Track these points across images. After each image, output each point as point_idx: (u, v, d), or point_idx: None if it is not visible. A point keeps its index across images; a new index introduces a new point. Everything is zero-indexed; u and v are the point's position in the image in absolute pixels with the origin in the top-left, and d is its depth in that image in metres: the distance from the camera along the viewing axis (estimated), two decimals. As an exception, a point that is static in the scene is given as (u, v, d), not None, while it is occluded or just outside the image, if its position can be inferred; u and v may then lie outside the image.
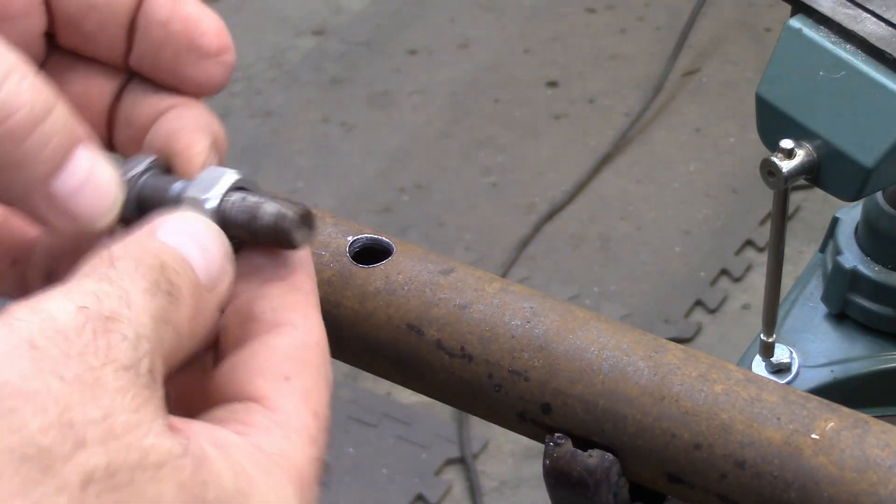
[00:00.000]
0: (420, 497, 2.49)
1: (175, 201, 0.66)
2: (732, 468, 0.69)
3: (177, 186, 0.67)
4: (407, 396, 2.62)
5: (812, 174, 0.97)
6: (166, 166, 0.68)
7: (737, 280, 2.85)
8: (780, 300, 1.12)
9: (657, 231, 2.95)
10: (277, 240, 0.63)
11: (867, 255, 1.15)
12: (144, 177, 0.68)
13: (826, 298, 1.17)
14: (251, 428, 0.62)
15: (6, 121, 0.60)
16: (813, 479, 0.68)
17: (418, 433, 2.58)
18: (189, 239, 0.62)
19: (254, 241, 0.64)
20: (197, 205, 0.65)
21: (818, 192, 2.80)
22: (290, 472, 0.64)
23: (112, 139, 0.73)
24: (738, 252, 2.89)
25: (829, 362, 1.15)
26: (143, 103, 0.71)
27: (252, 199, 0.64)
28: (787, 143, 0.96)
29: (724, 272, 2.86)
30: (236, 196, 0.64)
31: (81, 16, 0.70)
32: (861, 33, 0.95)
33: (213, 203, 0.64)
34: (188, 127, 0.70)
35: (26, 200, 0.63)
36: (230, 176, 0.65)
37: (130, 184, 0.67)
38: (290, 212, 0.62)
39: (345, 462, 2.54)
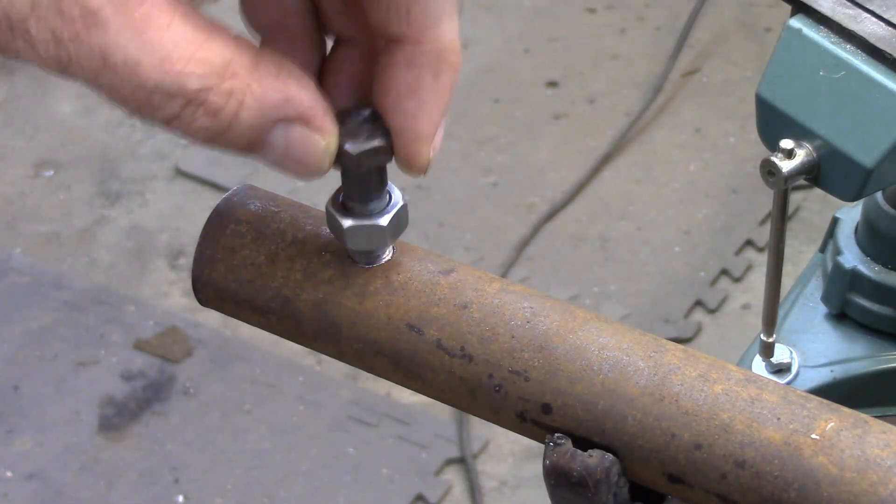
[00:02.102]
0: (420, 497, 2.49)
1: None
2: (732, 468, 0.69)
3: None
4: (407, 396, 2.62)
5: (812, 174, 0.97)
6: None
7: (737, 280, 2.85)
8: (780, 300, 1.12)
9: (657, 231, 2.95)
10: None
11: (867, 255, 1.15)
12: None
13: (826, 298, 1.17)
14: None
15: (186, 136, 0.65)
16: (813, 479, 0.68)
17: (418, 433, 2.58)
18: None
19: None
20: None
21: (818, 192, 2.80)
22: None
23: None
24: (738, 252, 2.89)
25: (829, 362, 1.15)
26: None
27: None
28: (787, 143, 0.96)
29: (724, 272, 2.86)
30: None
31: None
32: (861, 33, 0.95)
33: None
34: (427, 108, 0.70)
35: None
36: None
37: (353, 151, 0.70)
38: None
39: (345, 462, 2.54)
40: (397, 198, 0.75)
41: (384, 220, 0.75)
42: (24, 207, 3.00)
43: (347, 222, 0.74)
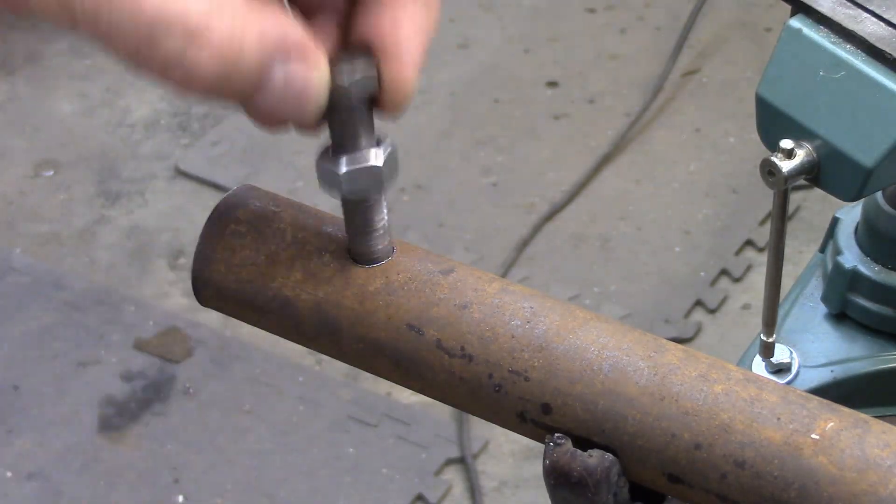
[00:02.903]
0: (420, 497, 2.49)
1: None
2: (732, 468, 0.69)
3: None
4: (407, 396, 2.62)
5: (812, 174, 0.97)
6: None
7: (737, 280, 2.85)
8: (780, 300, 1.12)
9: (657, 231, 2.95)
10: None
11: (867, 255, 1.15)
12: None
13: (826, 298, 1.17)
14: None
15: (190, 81, 0.65)
16: (813, 479, 0.68)
17: (418, 433, 2.58)
18: None
19: None
20: None
21: (818, 192, 2.80)
22: None
23: None
24: (738, 252, 2.89)
25: (829, 362, 1.15)
26: None
27: None
28: (787, 143, 0.96)
29: (724, 272, 2.86)
30: None
31: None
32: (861, 33, 0.95)
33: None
34: (406, 35, 0.72)
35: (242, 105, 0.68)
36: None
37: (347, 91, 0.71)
38: None
39: (345, 462, 2.54)
40: (387, 142, 0.75)
41: (379, 161, 0.74)
42: (24, 207, 3.00)
43: (342, 168, 0.74)
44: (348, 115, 0.73)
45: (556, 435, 0.72)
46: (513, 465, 2.55)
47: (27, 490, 2.51)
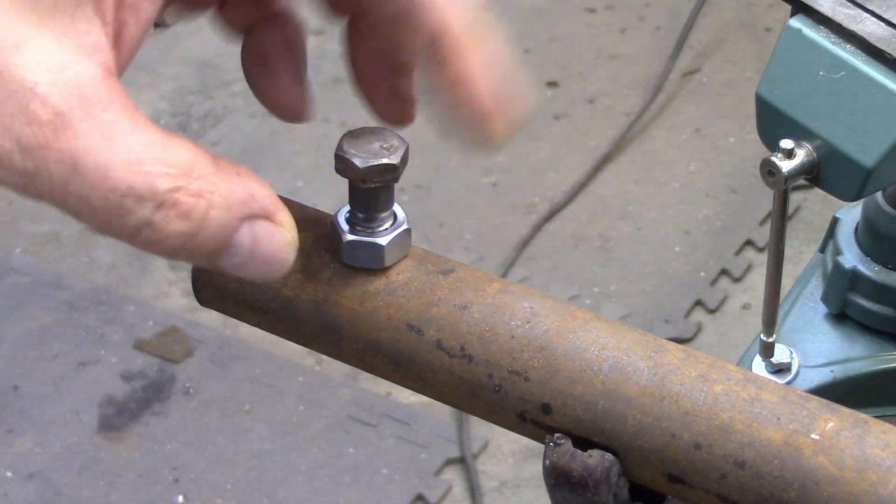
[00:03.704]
0: (420, 497, 2.49)
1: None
2: (732, 468, 0.69)
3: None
4: (407, 396, 2.62)
5: (812, 174, 0.97)
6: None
7: (737, 280, 2.85)
8: (780, 300, 1.12)
9: (657, 231, 2.95)
10: None
11: (867, 255, 1.15)
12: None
13: (826, 298, 1.17)
14: None
15: (152, 245, 0.65)
16: (813, 479, 0.67)
17: (418, 433, 2.58)
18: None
19: None
20: None
21: (818, 192, 2.80)
22: None
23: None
24: (738, 252, 2.89)
25: (829, 362, 1.15)
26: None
27: None
28: (787, 143, 0.96)
29: (724, 272, 2.86)
30: None
31: None
32: (861, 33, 0.95)
33: None
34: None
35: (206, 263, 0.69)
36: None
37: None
38: None
39: (345, 462, 2.54)
40: (402, 219, 0.76)
41: (384, 240, 0.75)
42: (24, 207, 3.00)
43: (348, 237, 0.74)
44: (362, 193, 0.74)
45: (556, 435, 0.72)
46: (513, 465, 2.55)
47: (27, 490, 2.51)
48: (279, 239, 0.69)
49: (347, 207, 0.75)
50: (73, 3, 0.64)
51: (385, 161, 0.72)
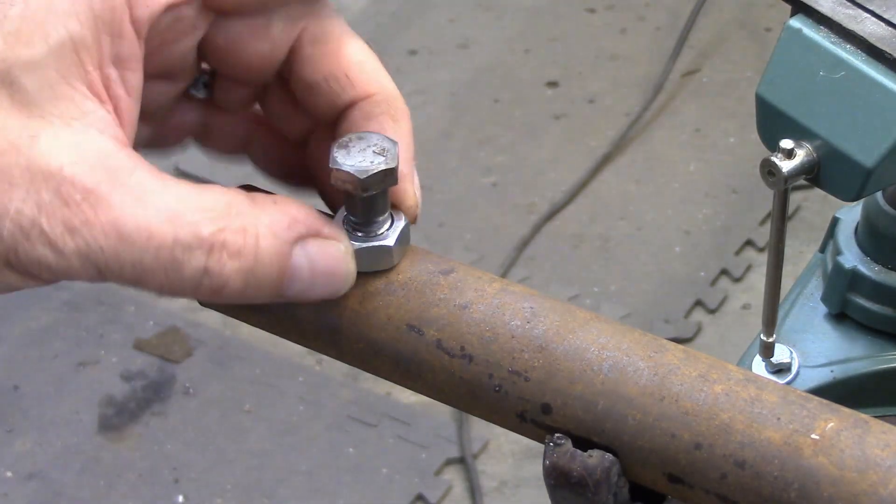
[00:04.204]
0: (420, 497, 2.49)
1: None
2: (732, 468, 0.69)
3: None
4: (407, 396, 2.62)
5: (812, 174, 0.97)
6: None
7: (737, 280, 2.85)
8: (780, 300, 1.12)
9: (657, 231, 2.95)
10: None
11: (867, 255, 1.15)
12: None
13: (826, 298, 1.17)
14: None
15: (219, 292, 0.67)
16: (813, 479, 0.67)
17: (418, 433, 2.58)
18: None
19: None
20: None
21: (818, 192, 2.80)
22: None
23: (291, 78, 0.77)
24: (738, 252, 2.89)
25: (829, 362, 1.15)
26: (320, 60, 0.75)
27: None
28: (787, 143, 0.96)
29: (724, 272, 2.86)
30: None
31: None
32: (861, 33, 0.95)
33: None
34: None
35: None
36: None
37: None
38: None
39: (345, 462, 2.54)
40: (400, 218, 0.76)
41: (390, 241, 0.75)
42: (24, 207, 3.00)
43: (354, 245, 0.74)
44: (361, 201, 0.74)
45: (556, 435, 0.72)
46: (513, 465, 2.55)
47: (27, 490, 2.51)
48: (333, 251, 0.71)
49: (344, 213, 0.75)
50: (70, 89, 0.66)
51: (384, 167, 0.72)
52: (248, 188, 0.74)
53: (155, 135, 0.78)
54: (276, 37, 0.74)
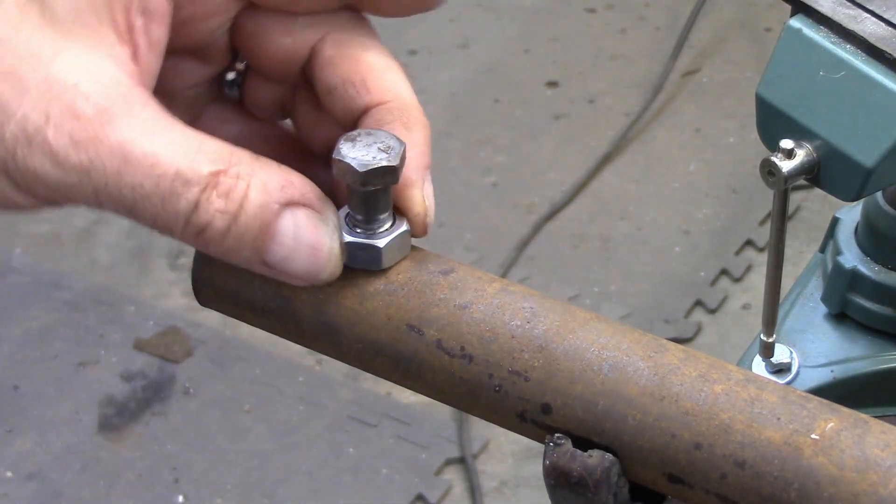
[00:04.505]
0: (420, 497, 2.49)
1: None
2: (732, 468, 0.69)
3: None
4: (407, 396, 2.62)
5: (812, 174, 0.97)
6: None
7: (737, 280, 2.85)
8: (780, 300, 1.12)
9: (657, 231, 2.95)
10: None
11: (867, 255, 1.15)
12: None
13: (826, 298, 1.17)
14: None
15: (202, 233, 0.68)
16: (813, 479, 0.67)
17: (418, 433, 2.58)
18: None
19: None
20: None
21: (818, 192, 2.80)
22: None
23: (313, 83, 0.77)
24: (738, 252, 2.89)
25: (829, 362, 1.15)
26: (341, 63, 0.76)
27: None
28: (787, 143, 0.96)
29: (724, 272, 2.86)
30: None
31: None
32: (861, 33, 0.95)
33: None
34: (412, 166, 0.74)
35: (251, 269, 0.71)
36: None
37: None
38: None
39: (345, 462, 2.54)
40: (402, 223, 0.76)
41: (381, 242, 0.75)
42: (24, 207, 3.00)
43: (347, 238, 0.74)
44: (361, 195, 0.74)
45: (556, 435, 0.72)
46: (513, 465, 2.55)
47: (27, 490, 2.51)
48: (321, 225, 0.71)
49: (346, 208, 0.75)
50: (97, 21, 0.68)
51: (385, 164, 0.72)
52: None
53: None
54: (298, 33, 0.75)
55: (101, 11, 0.68)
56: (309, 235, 0.70)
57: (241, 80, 0.80)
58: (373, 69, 0.76)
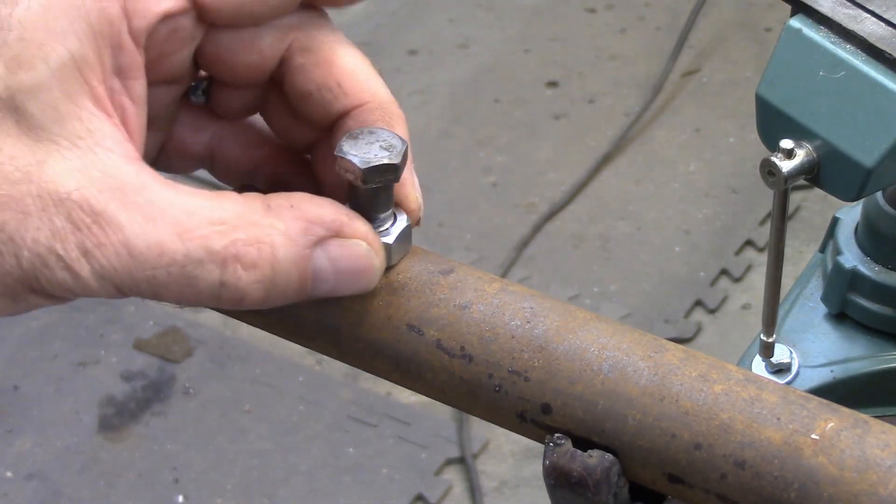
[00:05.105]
0: (420, 497, 2.49)
1: None
2: (732, 468, 0.69)
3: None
4: (407, 396, 2.62)
5: (812, 174, 0.97)
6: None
7: (737, 280, 2.85)
8: (780, 300, 1.12)
9: (657, 231, 2.95)
10: None
11: (867, 255, 1.15)
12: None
13: (826, 298, 1.17)
14: None
15: (242, 303, 0.68)
16: (813, 479, 0.67)
17: (418, 433, 2.58)
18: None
19: None
20: None
21: (818, 192, 2.80)
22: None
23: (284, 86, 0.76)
24: (738, 252, 2.89)
25: (829, 362, 1.15)
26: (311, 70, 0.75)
27: None
28: (787, 143, 0.96)
29: (724, 272, 2.86)
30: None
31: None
32: (861, 33, 0.95)
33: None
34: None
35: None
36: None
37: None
38: None
39: (345, 462, 2.54)
40: (402, 217, 0.76)
41: (389, 239, 0.75)
42: (24, 207, 3.00)
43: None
44: (363, 193, 0.74)
45: (556, 435, 0.72)
46: (513, 465, 2.55)
47: (27, 490, 2.51)
48: (355, 250, 0.71)
49: (348, 207, 0.75)
50: (75, 108, 0.67)
51: (386, 161, 0.72)
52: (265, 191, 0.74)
53: (164, 155, 0.78)
54: (264, 48, 0.74)
55: (76, 93, 0.67)
56: (346, 264, 0.71)
57: (207, 87, 0.78)
58: (346, 71, 0.75)
